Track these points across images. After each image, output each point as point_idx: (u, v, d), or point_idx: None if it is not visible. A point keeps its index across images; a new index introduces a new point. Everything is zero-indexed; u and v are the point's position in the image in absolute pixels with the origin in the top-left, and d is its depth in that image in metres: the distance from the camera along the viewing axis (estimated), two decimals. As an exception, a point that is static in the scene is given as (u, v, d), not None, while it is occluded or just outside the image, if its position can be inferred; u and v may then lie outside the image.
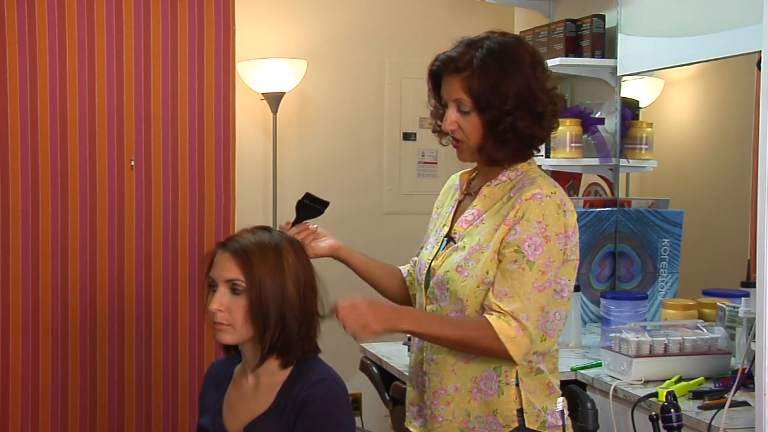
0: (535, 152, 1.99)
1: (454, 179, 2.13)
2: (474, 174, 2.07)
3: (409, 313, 1.94)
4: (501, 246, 1.86)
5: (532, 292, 1.83)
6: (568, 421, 1.94)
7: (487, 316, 1.84)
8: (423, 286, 2.00)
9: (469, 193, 2.04)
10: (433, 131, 2.05)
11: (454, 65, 1.90)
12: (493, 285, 1.86)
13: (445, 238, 1.99)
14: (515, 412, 1.89)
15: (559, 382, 1.98)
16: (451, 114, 1.91)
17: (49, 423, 3.22)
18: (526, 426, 1.89)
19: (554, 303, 1.91)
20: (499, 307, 1.83)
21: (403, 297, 2.17)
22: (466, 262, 1.89)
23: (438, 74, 1.95)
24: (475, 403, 1.91)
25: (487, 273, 1.87)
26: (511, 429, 1.89)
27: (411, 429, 2.07)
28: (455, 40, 1.94)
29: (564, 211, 1.87)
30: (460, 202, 2.04)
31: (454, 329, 1.88)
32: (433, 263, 1.98)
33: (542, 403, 1.91)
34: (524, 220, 1.84)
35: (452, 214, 2.03)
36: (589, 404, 2.32)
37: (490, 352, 1.85)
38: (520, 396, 1.89)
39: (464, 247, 1.92)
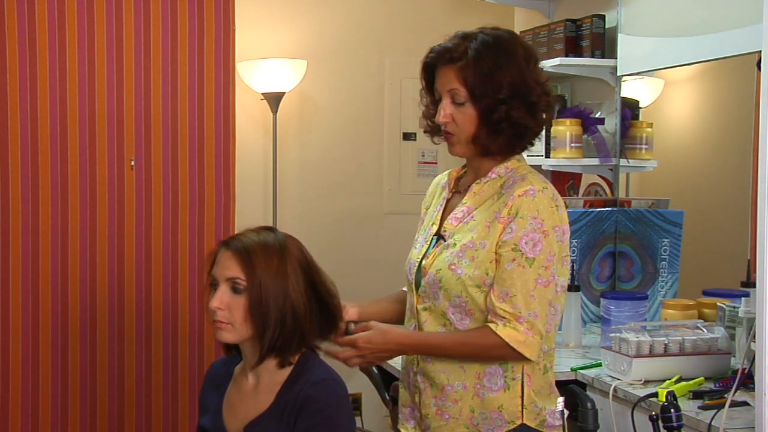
0: (528, 146, 1.99)
1: (442, 177, 2.14)
2: (462, 172, 2.07)
3: (411, 346, 1.96)
4: (497, 246, 1.86)
5: (536, 289, 1.83)
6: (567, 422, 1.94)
7: (492, 325, 1.84)
8: (414, 285, 2.00)
9: (458, 191, 2.04)
10: (425, 131, 2.06)
11: (448, 56, 1.91)
12: (493, 286, 1.86)
13: (435, 237, 1.99)
14: (520, 408, 1.89)
15: (557, 380, 1.99)
16: (446, 106, 1.92)
17: (49, 423, 3.22)
18: (525, 422, 1.89)
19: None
20: (503, 310, 1.83)
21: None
22: (459, 260, 1.89)
23: (432, 66, 1.96)
24: (479, 400, 1.91)
25: (487, 274, 1.87)
26: (515, 426, 1.89)
27: (403, 431, 2.07)
28: (448, 35, 1.95)
29: (557, 205, 1.88)
30: (448, 200, 2.04)
31: (458, 348, 1.91)
32: (423, 262, 1.98)
33: (543, 402, 1.92)
34: (519, 218, 1.85)
35: (441, 212, 2.03)
36: (589, 404, 2.32)
37: (503, 358, 1.88)
38: (523, 393, 1.89)
39: (455, 244, 1.92)
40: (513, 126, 1.89)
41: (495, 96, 1.87)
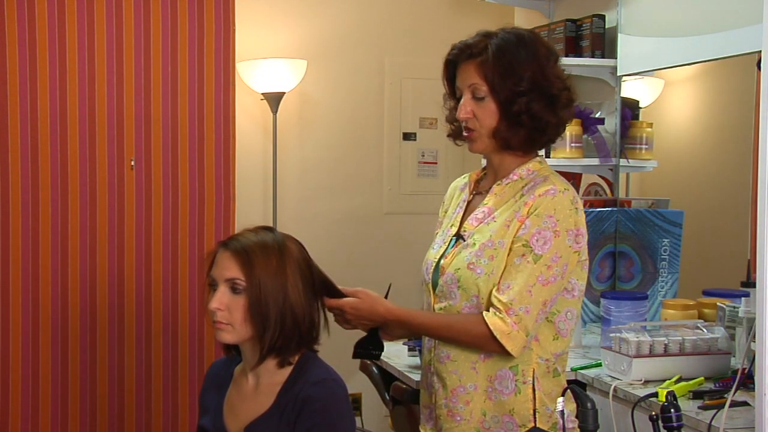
0: (549, 142, 1.98)
1: (460, 180, 2.13)
2: (482, 174, 2.06)
3: (398, 322, 1.95)
4: (512, 242, 1.87)
5: (535, 286, 1.82)
6: (575, 424, 1.93)
7: (484, 312, 1.84)
8: (431, 285, 2.00)
9: (478, 192, 2.03)
10: (448, 135, 2.05)
11: (469, 51, 1.92)
12: (500, 279, 1.86)
13: (454, 237, 1.99)
14: (532, 412, 1.89)
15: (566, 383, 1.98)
16: (466, 103, 1.92)
17: (49, 423, 3.22)
18: (537, 425, 1.89)
19: (564, 302, 1.90)
20: (498, 300, 1.83)
21: None
22: (478, 259, 1.89)
23: (454, 63, 1.96)
24: (490, 403, 1.91)
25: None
26: (527, 429, 1.88)
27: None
28: (471, 34, 1.96)
29: (576, 208, 1.88)
30: (469, 202, 2.04)
31: (443, 329, 1.92)
32: (442, 262, 1.97)
33: (554, 405, 1.91)
34: (535, 215, 1.85)
35: (461, 213, 2.02)
36: (589, 404, 2.32)
37: (485, 348, 1.87)
38: (535, 396, 1.89)
39: (474, 244, 1.91)
40: (533, 119, 1.89)
41: (515, 88, 1.87)
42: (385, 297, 1.99)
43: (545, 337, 1.90)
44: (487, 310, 1.86)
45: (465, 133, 1.96)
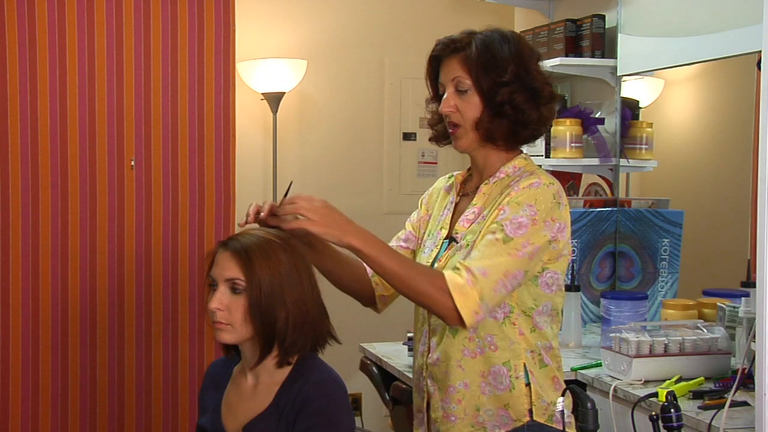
0: (531, 138, 1.98)
1: (445, 181, 2.13)
2: (468, 175, 2.07)
3: (361, 232, 1.85)
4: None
5: (497, 257, 1.80)
6: (571, 419, 1.93)
7: (445, 270, 1.82)
8: None
9: (465, 193, 2.03)
10: (430, 139, 2.06)
11: (453, 46, 1.94)
12: None
13: (446, 240, 1.98)
14: (528, 406, 1.89)
15: (564, 380, 1.98)
16: (449, 97, 1.93)
17: (49, 423, 3.22)
18: (534, 419, 1.89)
19: (543, 296, 1.90)
20: (459, 263, 1.81)
21: (363, 289, 2.10)
22: None
23: (438, 60, 1.97)
24: (485, 397, 1.91)
25: None
26: (522, 423, 1.88)
27: None
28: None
29: (558, 202, 1.87)
30: (456, 203, 2.04)
31: (403, 266, 1.83)
32: (435, 265, 1.97)
33: (550, 398, 1.92)
34: (515, 203, 1.84)
35: (449, 215, 2.02)
36: (589, 404, 2.32)
37: (433, 299, 1.79)
38: (530, 390, 1.89)
39: (467, 245, 1.91)
40: (516, 110, 1.89)
41: (498, 79, 1.88)
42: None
43: (526, 330, 1.90)
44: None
45: (450, 130, 1.96)
